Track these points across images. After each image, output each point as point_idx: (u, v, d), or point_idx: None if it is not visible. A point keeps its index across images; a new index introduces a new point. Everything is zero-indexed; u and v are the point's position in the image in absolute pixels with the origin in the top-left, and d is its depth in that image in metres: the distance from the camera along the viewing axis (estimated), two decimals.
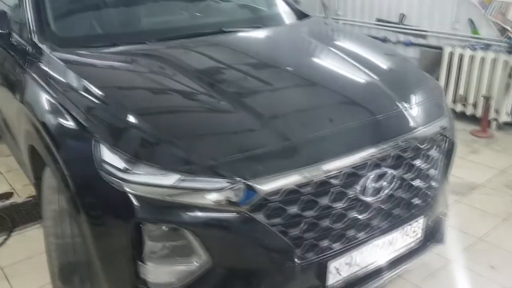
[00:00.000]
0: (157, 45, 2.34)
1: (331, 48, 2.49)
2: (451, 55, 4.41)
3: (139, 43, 2.34)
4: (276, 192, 1.62)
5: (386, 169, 1.83)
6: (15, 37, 2.49)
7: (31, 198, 3.37)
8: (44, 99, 2.04)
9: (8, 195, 3.44)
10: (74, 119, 1.83)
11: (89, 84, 1.93)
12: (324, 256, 1.75)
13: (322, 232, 1.73)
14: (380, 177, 1.82)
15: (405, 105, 2.04)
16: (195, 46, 2.37)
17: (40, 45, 2.28)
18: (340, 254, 1.78)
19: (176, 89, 1.98)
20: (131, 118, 1.75)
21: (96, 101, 1.86)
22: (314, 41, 2.60)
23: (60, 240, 1.91)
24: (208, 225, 1.60)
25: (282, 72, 2.17)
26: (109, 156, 1.66)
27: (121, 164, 1.63)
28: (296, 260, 1.69)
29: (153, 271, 1.67)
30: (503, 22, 4.16)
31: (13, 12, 2.56)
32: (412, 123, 1.98)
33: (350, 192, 1.76)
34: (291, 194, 1.65)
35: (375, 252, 1.88)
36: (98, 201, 1.70)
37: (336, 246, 1.77)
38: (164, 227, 1.62)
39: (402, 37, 4.92)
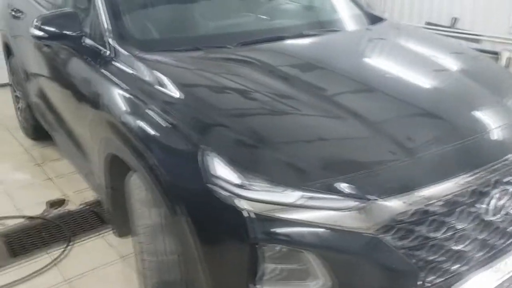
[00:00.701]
0: (242, 49, 2.22)
1: (425, 55, 2.35)
2: (509, 60, 4.26)
3: (220, 47, 2.23)
4: (405, 212, 1.49)
5: (508, 186, 1.70)
6: (85, 39, 2.39)
7: (86, 206, 3.27)
8: (135, 106, 1.92)
9: (61, 202, 3.34)
10: (175, 127, 1.71)
11: (191, 91, 1.82)
12: (447, 279, 1.62)
13: (446, 254, 1.60)
14: (503, 194, 1.69)
15: None
16: (284, 51, 2.25)
17: (119, 48, 2.17)
18: (463, 277, 1.65)
19: (286, 100, 1.84)
20: (248, 130, 1.64)
21: (202, 110, 1.75)
22: (403, 47, 2.47)
23: (156, 258, 1.79)
24: (331, 247, 1.47)
25: (386, 80, 2.04)
26: (221, 170, 1.54)
27: (236, 178, 1.51)
28: (419, 283, 1.56)
29: None
30: None
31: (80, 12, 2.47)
32: None
33: (475, 211, 1.63)
34: (420, 214, 1.52)
35: (497, 275, 1.74)
36: (207, 218, 1.58)
37: (460, 268, 1.64)
38: (282, 248, 1.49)
39: None
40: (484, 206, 1.64)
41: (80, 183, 3.51)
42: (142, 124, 1.83)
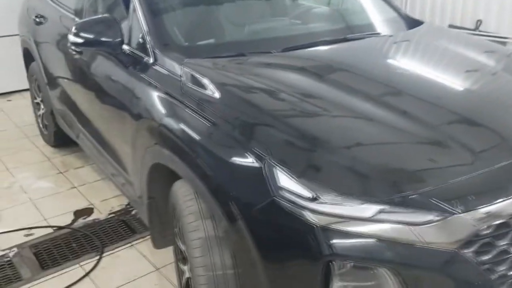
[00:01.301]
0: (287, 55, 2.16)
1: (476, 59, 2.29)
2: None
3: (264, 53, 2.16)
4: (488, 226, 1.41)
5: None
6: (124, 46, 2.32)
7: (114, 215, 3.20)
8: (188, 115, 1.85)
9: (88, 212, 3.26)
10: (235, 137, 1.64)
11: (248, 99, 1.76)
12: None
13: None
14: None
15: None
16: (332, 56, 2.18)
17: (164, 55, 2.11)
18: None
19: (348, 108, 1.77)
20: (314, 141, 1.58)
21: (263, 119, 1.68)
22: (452, 51, 2.40)
23: (211, 273, 1.72)
24: (409, 264, 1.39)
25: (448, 87, 1.97)
26: (290, 183, 1.46)
27: (307, 192, 1.43)
28: None
29: None
30: None
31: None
32: None
33: None
34: (503, 227, 1.44)
35: None
36: (272, 232, 1.51)
37: None
38: (355, 265, 1.42)
39: None
40: None
41: (106, 192, 3.46)
42: (198, 133, 1.76)
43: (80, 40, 2.26)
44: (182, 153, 1.80)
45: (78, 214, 3.23)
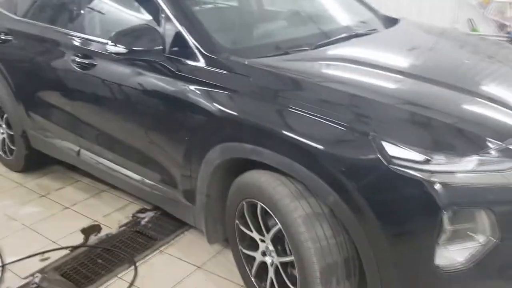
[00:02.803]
0: (322, 50, 2.45)
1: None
2: None
3: (303, 50, 2.41)
4: None
5: None
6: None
7: (124, 227, 3.18)
8: (268, 108, 2.06)
9: (97, 228, 3.20)
10: (335, 121, 1.87)
11: (328, 85, 2.06)
12: None
13: None
14: None
15: None
16: (361, 46, 2.55)
17: (216, 58, 2.26)
18: None
19: (419, 80, 2.15)
20: (406, 112, 1.90)
21: (356, 100, 1.95)
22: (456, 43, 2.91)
23: (318, 244, 1.92)
24: (502, 201, 1.74)
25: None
26: (401, 151, 1.74)
27: (419, 156, 1.72)
28: None
29: (448, 253, 1.76)
30: (503, 19, 4.77)
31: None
32: None
33: None
34: None
35: None
36: (394, 196, 1.76)
37: None
38: (461, 210, 1.74)
39: None
40: None
41: (103, 207, 3.41)
42: (292, 122, 1.96)
43: (123, 50, 2.31)
44: (274, 143, 1.98)
45: (87, 232, 3.16)
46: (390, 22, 3.15)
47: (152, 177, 2.74)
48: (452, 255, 1.78)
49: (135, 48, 2.36)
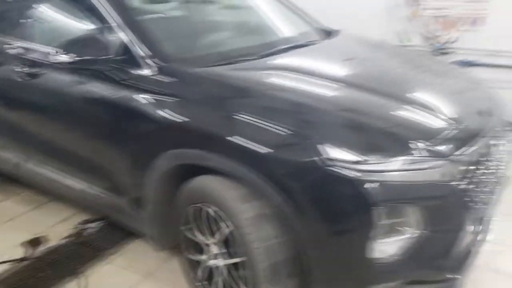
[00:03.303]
0: (268, 59, 2.59)
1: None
2: None
3: (249, 60, 2.54)
4: (468, 162, 2.04)
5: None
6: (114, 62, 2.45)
7: (68, 239, 3.14)
8: (216, 114, 2.15)
9: (38, 241, 3.12)
10: (277, 126, 1.99)
11: (277, 93, 2.21)
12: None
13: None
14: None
15: None
16: (303, 56, 2.71)
17: (166, 66, 2.34)
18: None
19: (355, 89, 2.31)
20: (342, 117, 2.06)
21: (294, 108, 2.08)
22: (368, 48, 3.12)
23: (265, 244, 2.03)
24: (427, 197, 1.92)
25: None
26: (337, 154, 1.89)
27: (353, 158, 1.88)
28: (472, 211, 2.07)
29: (380, 247, 1.92)
30: (428, 31, 5.15)
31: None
32: None
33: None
34: (472, 164, 2.08)
35: None
36: (331, 195, 1.90)
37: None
38: (392, 206, 1.90)
39: None
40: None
41: (46, 220, 3.35)
42: (237, 127, 2.06)
43: (70, 59, 2.33)
44: (222, 148, 2.07)
45: (30, 245, 3.09)
46: (329, 33, 3.35)
47: (98, 186, 2.75)
48: (384, 248, 1.94)
49: (82, 57, 2.38)
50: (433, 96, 2.43)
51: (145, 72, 2.36)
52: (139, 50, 2.39)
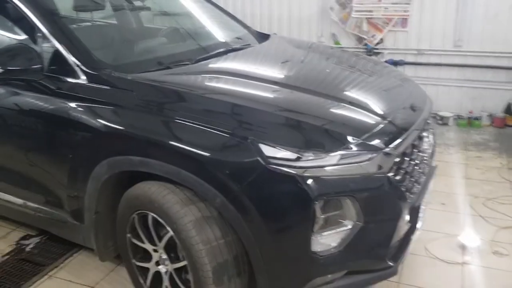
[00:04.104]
0: (203, 64, 2.60)
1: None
2: None
3: (184, 64, 2.55)
4: (398, 156, 2.15)
5: None
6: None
7: (8, 256, 3.02)
8: (152, 120, 2.15)
9: None
10: (215, 128, 2.01)
11: (213, 96, 2.22)
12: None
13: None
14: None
15: None
16: (238, 60, 2.74)
17: (98, 75, 2.30)
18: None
19: (288, 89, 2.39)
20: (279, 117, 2.11)
21: (234, 109, 2.11)
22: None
23: (208, 245, 2.05)
24: (362, 189, 2.00)
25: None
26: (276, 152, 1.94)
27: (292, 155, 1.94)
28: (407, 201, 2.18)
29: (322, 240, 2.00)
30: (360, 33, 5.36)
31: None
32: None
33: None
34: (403, 156, 2.21)
35: None
36: (272, 193, 1.95)
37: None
38: (330, 199, 1.98)
39: None
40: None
41: None
42: (177, 132, 2.07)
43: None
44: (161, 154, 2.07)
45: None
46: (263, 37, 3.42)
47: (36, 199, 2.67)
48: (326, 241, 2.02)
49: (11, 68, 2.31)
50: (366, 94, 2.55)
51: (77, 80, 2.33)
52: (69, 59, 2.35)
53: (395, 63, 5.27)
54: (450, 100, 5.40)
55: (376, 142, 2.10)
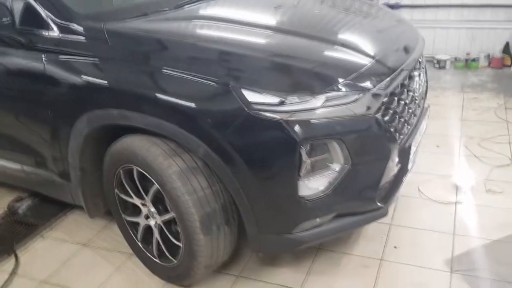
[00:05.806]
0: (180, 10, 2.48)
1: None
2: None
3: (162, 11, 2.43)
4: (386, 95, 2.07)
5: None
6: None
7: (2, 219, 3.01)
8: (134, 70, 2.06)
9: None
10: (195, 76, 1.93)
11: (193, 42, 2.12)
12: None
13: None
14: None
15: None
16: (217, 6, 2.61)
17: (70, 25, 2.20)
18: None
19: (270, 33, 2.30)
20: (262, 60, 2.02)
21: (215, 55, 2.02)
22: None
23: (195, 196, 2.01)
24: (349, 131, 1.94)
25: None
26: (259, 97, 1.87)
27: (276, 100, 1.86)
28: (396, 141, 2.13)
29: (309, 184, 1.96)
30: None
31: None
32: None
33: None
34: (392, 96, 2.13)
35: None
36: (256, 139, 1.89)
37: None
38: (317, 143, 1.92)
39: None
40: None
41: None
42: (156, 82, 1.99)
43: None
44: (142, 105, 2.00)
45: None
46: None
47: (23, 161, 2.63)
48: (313, 185, 1.98)
49: None
50: (357, 35, 2.44)
51: (51, 33, 2.22)
52: (41, 10, 2.23)
53: (391, 7, 5.09)
54: (447, 43, 5.26)
55: (363, 82, 2.02)
